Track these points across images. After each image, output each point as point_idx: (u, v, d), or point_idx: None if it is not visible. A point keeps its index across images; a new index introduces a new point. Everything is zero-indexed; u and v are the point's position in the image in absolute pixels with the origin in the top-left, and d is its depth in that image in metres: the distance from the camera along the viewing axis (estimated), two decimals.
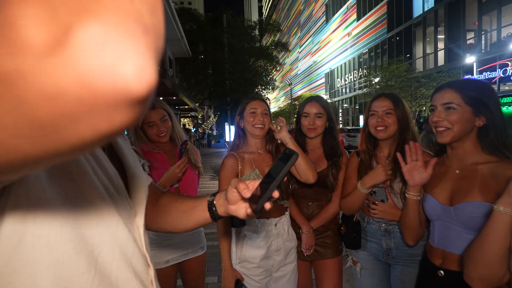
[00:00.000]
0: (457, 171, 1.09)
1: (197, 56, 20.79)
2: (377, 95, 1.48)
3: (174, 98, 12.56)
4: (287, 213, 1.56)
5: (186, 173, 1.65)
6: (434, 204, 1.11)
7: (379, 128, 1.40)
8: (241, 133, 1.55)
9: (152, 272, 0.57)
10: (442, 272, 1.09)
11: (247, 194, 0.60)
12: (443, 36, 17.10)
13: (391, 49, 21.96)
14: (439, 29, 17.60)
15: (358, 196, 1.39)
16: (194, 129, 23.68)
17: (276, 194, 0.59)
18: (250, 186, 0.63)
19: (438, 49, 17.62)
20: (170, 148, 1.72)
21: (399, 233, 1.37)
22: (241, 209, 0.66)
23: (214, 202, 0.69)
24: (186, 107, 16.67)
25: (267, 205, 0.60)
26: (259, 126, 1.47)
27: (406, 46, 20.30)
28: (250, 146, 1.53)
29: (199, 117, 25.03)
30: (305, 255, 1.59)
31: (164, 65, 14.14)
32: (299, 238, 1.61)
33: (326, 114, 1.64)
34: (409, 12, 19.85)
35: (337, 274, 1.62)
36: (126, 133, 0.50)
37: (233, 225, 1.45)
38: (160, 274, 1.60)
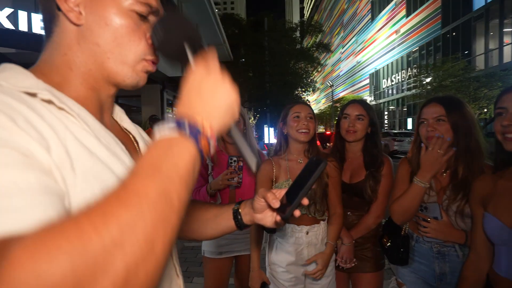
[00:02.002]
0: None
1: (238, 60, 21.27)
2: (427, 100, 1.31)
3: None
4: (322, 222, 1.47)
5: (243, 179, 1.71)
6: (499, 227, 0.95)
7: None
8: (283, 140, 1.50)
9: (181, 281, 0.56)
10: None
11: (276, 205, 0.59)
12: (511, 30, 15.14)
13: (446, 46, 20.10)
14: (505, 21, 15.62)
15: (416, 194, 1.17)
16: None
17: (305, 201, 0.58)
18: (278, 195, 0.62)
19: (504, 44, 15.63)
20: (234, 152, 1.75)
21: (456, 256, 1.21)
22: (268, 218, 0.65)
23: (240, 210, 0.68)
24: None
25: (297, 213, 0.58)
26: (304, 131, 1.40)
27: (463, 42, 18.40)
28: (290, 154, 1.48)
29: None
30: (344, 268, 1.50)
31: None
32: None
33: (368, 118, 1.53)
34: (468, 5, 17.98)
35: None
36: None
37: (265, 229, 1.44)
38: (215, 265, 1.70)
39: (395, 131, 15.46)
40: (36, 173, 0.31)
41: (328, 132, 16.42)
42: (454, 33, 19.38)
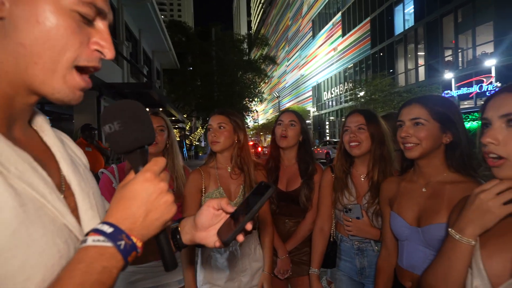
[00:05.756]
0: (423, 189, 1.04)
1: (185, 68, 20.83)
2: (351, 111, 1.47)
3: (161, 109, 12.44)
4: (254, 231, 1.47)
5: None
6: (402, 224, 1.06)
7: (352, 144, 1.37)
8: (211, 151, 1.47)
9: None
10: None
11: (230, 209, 0.58)
12: (423, 53, 17.86)
13: (375, 64, 22.67)
14: (419, 46, 18.39)
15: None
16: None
17: (249, 226, 0.55)
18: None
19: (419, 65, 18.35)
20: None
21: (372, 251, 1.36)
22: (211, 237, 0.59)
23: (179, 228, 0.61)
24: (173, 118, 16.50)
25: (240, 238, 0.55)
26: (214, 141, 1.39)
27: (389, 62, 21.01)
28: (219, 163, 1.46)
29: (187, 128, 24.86)
30: (281, 278, 1.55)
31: (152, 77, 14.08)
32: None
33: (300, 125, 1.61)
34: (391, 30, 20.69)
35: None
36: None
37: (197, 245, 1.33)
38: None
39: (335, 140, 16.77)
40: None
41: (251, 143, 18.43)
42: (381, 53, 22.02)
